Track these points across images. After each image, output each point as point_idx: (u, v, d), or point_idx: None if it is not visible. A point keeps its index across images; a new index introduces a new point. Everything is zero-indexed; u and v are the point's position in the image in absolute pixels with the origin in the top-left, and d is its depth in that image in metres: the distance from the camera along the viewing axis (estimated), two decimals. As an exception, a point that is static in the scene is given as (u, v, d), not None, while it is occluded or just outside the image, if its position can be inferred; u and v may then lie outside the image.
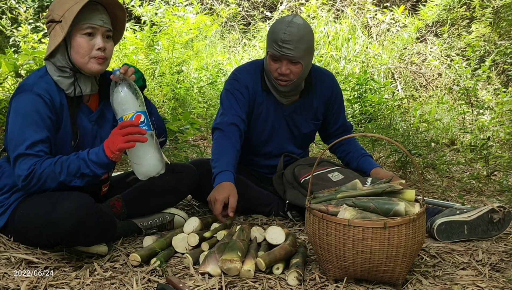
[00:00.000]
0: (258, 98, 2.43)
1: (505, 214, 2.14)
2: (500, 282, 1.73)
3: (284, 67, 2.26)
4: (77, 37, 1.83)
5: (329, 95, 2.53)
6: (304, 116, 2.51)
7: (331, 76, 2.57)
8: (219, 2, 8.00)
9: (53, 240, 1.73)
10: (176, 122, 4.44)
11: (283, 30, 2.22)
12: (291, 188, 2.35)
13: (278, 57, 2.25)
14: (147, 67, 6.12)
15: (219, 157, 2.26)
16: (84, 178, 1.79)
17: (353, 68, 6.31)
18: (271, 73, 2.32)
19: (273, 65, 2.29)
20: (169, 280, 1.62)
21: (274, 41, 2.24)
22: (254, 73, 2.45)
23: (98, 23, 1.83)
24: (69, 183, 1.78)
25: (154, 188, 2.16)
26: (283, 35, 2.21)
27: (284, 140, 2.53)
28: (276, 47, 2.23)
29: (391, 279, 1.64)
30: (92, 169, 1.78)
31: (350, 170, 2.39)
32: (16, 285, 1.62)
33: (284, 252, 1.79)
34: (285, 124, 2.50)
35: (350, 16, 7.24)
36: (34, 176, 1.74)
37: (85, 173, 1.78)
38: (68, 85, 1.88)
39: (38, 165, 1.74)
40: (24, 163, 1.74)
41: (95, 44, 1.84)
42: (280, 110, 2.47)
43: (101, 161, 1.78)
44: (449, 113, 5.29)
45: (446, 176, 3.45)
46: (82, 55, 1.84)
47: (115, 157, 1.78)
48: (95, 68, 1.86)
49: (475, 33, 6.28)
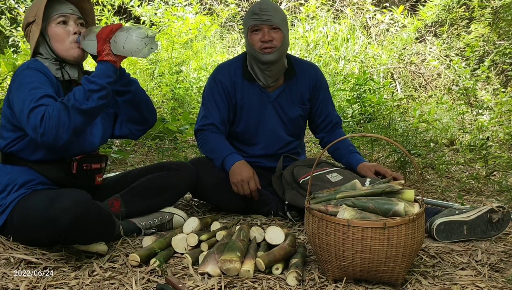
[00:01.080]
0: (240, 89, 2.50)
1: (504, 214, 2.14)
2: (499, 282, 1.73)
3: (266, 35, 2.36)
4: (53, 28, 1.96)
5: (313, 83, 2.58)
6: (289, 100, 2.54)
7: (315, 67, 2.64)
8: (219, 2, 8.00)
9: (52, 238, 1.73)
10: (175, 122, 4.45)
11: (257, 4, 2.39)
12: (290, 189, 2.36)
13: (259, 25, 2.36)
14: (146, 67, 6.12)
15: (215, 146, 2.44)
16: (93, 96, 1.78)
17: (352, 68, 6.31)
18: (254, 46, 2.38)
19: (255, 36, 2.38)
20: (169, 280, 1.62)
21: (252, 13, 2.38)
22: (234, 64, 2.54)
23: (68, 11, 1.98)
24: (81, 106, 1.76)
25: (152, 187, 2.18)
26: (260, 5, 2.38)
27: (273, 127, 2.55)
28: (255, 17, 2.36)
29: (390, 279, 1.64)
30: (96, 81, 1.79)
31: (349, 171, 2.40)
32: (15, 285, 1.62)
33: (283, 252, 1.79)
34: (272, 110, 2.53)
35: (349, 16, 7.24)
36: (47, 118, 1.73)
37: (92, 89, 1.78)
38: (56, 70, 1.99)
39: (49, 108, 1.75)
40: (36, 113, 1.74)
41: (70, 30, 1.97)
42: (265, 97, 2.51)
43: (100, 70, 1.83)
44: (448, 113, 5.29)
45: (445, 176, 3.45)
46: (61, 41, 1.96)
47: (109, 59, 1.84)
48: (76, 53, 1.97)
49: (474, 33, 6.29)
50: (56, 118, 1.73)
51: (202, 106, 2.55)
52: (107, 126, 2.16)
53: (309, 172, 2.29)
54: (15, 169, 1.95)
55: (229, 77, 2.50)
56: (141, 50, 1.85)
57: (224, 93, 2.49)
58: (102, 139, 2.14)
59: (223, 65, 2.59)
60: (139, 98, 2.13)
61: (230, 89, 2.49)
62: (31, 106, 1.75)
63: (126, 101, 2.12)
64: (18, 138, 1.93)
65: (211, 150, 2.46)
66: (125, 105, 2.14)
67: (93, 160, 2.07)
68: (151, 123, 2.24)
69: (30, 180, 1.95)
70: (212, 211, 2.51)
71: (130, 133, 2.23)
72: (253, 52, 2.40)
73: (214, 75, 2.54)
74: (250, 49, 2.41)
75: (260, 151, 2.57)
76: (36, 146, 1.93)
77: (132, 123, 2.20)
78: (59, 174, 1.99)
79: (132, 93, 2.10)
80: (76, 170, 2.00)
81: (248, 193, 2.34)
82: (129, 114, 2.17)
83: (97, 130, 2.09)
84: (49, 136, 1.74)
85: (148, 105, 2.18)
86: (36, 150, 1.94)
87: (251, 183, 2.33)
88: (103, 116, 2.14)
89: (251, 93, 2.50)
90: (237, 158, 2.39)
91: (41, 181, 1.97)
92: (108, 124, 2.17)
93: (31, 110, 1.75)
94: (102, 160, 2.13)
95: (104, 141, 2.18)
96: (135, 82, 2.12)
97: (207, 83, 2.56)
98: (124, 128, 2.21)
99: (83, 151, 2.04)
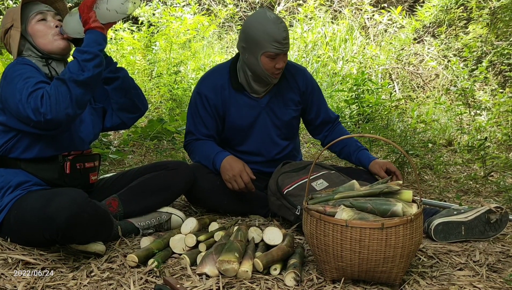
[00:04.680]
0: (228, 100, 2.44)
1: (502, 215, 2.14)
2: (497, 283, 1.73)
3: (282, 62, 2.31)
4: (33, 26, 1.99)
5: (304, 88, 2.54)
6: (281, 103, 2.50)
7: (302, 69, 2.59)
8: (217, 3, 8.00)
9: (49, 237, 1.73)
10: (173, 123, 4.44)
11: (280, 29, 2.26)
12: (275, 199, 2.28)
13: (279, 54, 2.28)
14: (145, 68, 6.11)
15: (204, 152, 2.42)
16: (88, 65, 1.79)
17: (350, 68, 6.31)
18: (266, 70, 2.32)
19: (271, 62, 2.31)
20: (167, 281, 1.62)
21: (275, 40, 2.25)
22: (219, 75, 2.46)
23: (44, 8, 2.03)
24: (78, 77, 1.76)
25: (149, 186, 2.18)
26: (283, 33, 2.26)
27: (267, 133, 2.50)
28: (278, 46, 2.26)
29: (388, 280, 1.64)
30: (88, 50, 1.80)
31: (337, 174, 2.33)
32: (13, 286, 1.61)
33: (281, 253, 1.79)
34: (265, 116, 2.48)
35: (348, 17, 7.25)
36: (47, 97, 1.74)
37: (86, 59, 1.79)
38: (43, 66, 2.00)
39: (47, 88, 1.77)
40: (36, 96, 1.75)
41: (50, 24, 2.01)
42: (256, 105, 2.46)
43: (90, 39, 1.83)
44: (446, 113, 5.30)
45: (443, 177, 3.45)
46: (44, 36, 1.98)
47: (96, 25, 1.85)
48: (61, 44, 2.00)
49: (472, 34, 6.29)
50: (55, 95, 1.74)
51: (188, 120, 2.49)
52: (96, 122, 2.17)
53: (294, 181, 2.25)
54: (7, 171, 1.95)
55: (214, 89, 2.43)
56: (125, 5, 1.86)
57: (210, 106, 2.42)
58: (92, 135, 2.14)
59: (207, 76, 2.51)
60: (128, 84, 2.14)
61: (215, 101, 2.42)
62: (29, 90, 1.77)
63: (116, 88, 2.12)
64: (9, 140, 1.94)
65: (200, 157, 2.43)
66: (115, 93, 2.14)
67: (86, 159, 2.07)
68: (143, 110, 2.23)
69: (24, 181, 1.95)
70: (210, 212, 2.51)
71: (122, 122, 2.22)
72: (261, 74, 2.34)
73: (198, 88, 2.47)
74: (259, 70, 2.33)
75: (257, 158, 2.53)
76: (29, 143, 1.93)
77: (123, 111, 2.19)
78: (53, 175, 1.99)
79: (121, 79, 2.11)
80: (69, 170, 2.00)
81: (243, 186, 2.30)
82: (120, 102, 2.16)
83: (85, 126, 2.10)
84: (52, 114, 1.73)
85: (137, 91, 2.18)
86: (29, 147, 1.94)
87: (244, 176, 2.29)
88: (91, 112, 2.14)
89: (241, 103, 2.45)
90: (225, 155, 2.36)
91: (35, 183, 1.97)
92: (97, 119, 2.17)
93: (30, 94, 1.76)
94: (95, 159, 2.13)
95: (95, 137, 2.18)
96: (123, 69, 2.14)
97: (192, 96, 2.49)
98: (115, 118, 2.20)
99: (74, 148, 2.03)
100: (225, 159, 2.34)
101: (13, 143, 1.94)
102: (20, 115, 1.81)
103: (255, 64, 2.33)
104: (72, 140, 2.03)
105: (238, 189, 2.31)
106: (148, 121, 4.37)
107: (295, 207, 2.16)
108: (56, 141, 1.97)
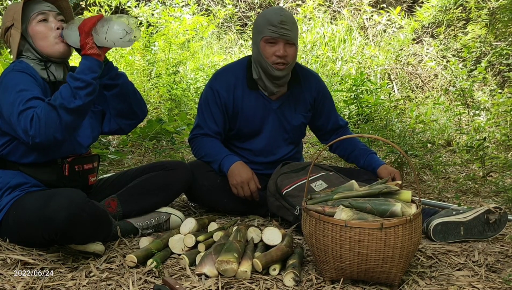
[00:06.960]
0: (241, 98, 2.41)
1: (501, 215, 2.14)
2: (496, 283, 1.73)
3: (282, 49, 2.27)
4: (34, 27, 1.94)
5: (316, 94, 2.53)
6: (292, 108, 2.49)
7: (316, 76, 2.59)
8: (216, 3, 8.00)
9: (48, 236, 1.73)
10: (172, 123, 4.44)
11: (277, 13, 2.26)
12: (274, 200, 2.28)
13: (276, 38, 2.26)
14: (144, 68, 6.11)
15: (211, 150, 2.39)
16: (80, 93, 1.75)
17: (349, 69, 6.32)
18: (266, 58, 2.30)
19: (270, 49, 2.29)
20: (166, 281, 1.62)
21: (270, 24, 2.25)
22: (235, 72, 2.44)
23: (46, 8, 1.97)
24: (69, 105, 1.73)
25: (148, 186, 2.18)
26: (280, 17, 2.24)
27: (274, 135, 2.49)
28: (273, 29, 2.25)
29: (387, 280, 1.64)
30: (81, 78, 1.76)
31: (336, 176, 2.32)
32: (12, 286, 1.61)
33: (280, 253, 1.79)
34: (275, 118, 2.46)
35: (347, 17, 7.25)
36: (36, 120, 1.72)
37: (78, 87, 1.75)
38: (41, 70, 1.97)
39: (37, 110, 1.74)
40: (26, 116, 1.73)
41: (51, 26, 1.95)
42: (268, 106, 2.44)
43: (84, 65, 1.80)
44: (445, 114, 5.30)
45: (442, 177, 3.45)
46: (45, 39, 1.93)
47: (92, 52, 1.80)
48: (61, 48, 1.95)
49: (471, 34, 6.30)
50: (45, 119, 1.72)
51: (198, 114, 2.48)
52: (95, 125, 2.15)
53: (293, 182, 2.25)
54: (6, 173, 1.95)
55: (228, 86, 2.41)
56: (124, 39, 1.84)
57: (221, 103, 2.40)
58: (91, 139, 2.13)
59: (221, 72, 2.49)
60: (127, 90, 2.09)
61: (227, 98, 2.40)
62: (20, 108, 1.74)
63: (114, 95, 2.09)
64: (6, 143, 1.93)
65: (206, 154, 2.41)
66: (113, 99, 2.10)
67: (84, 161, 2.06)
68: (141, 117, 2.21)
69: (23, 182, 1.94)
70: (209, 212, 2.51)
71: (119, 128, 2.20)
72: (264, 64, 2.32)
73: (211, 83, 2.45)
74: (261, 60, 2.32)
75: (259, 159, 2.52)
76: (26, 150, 1.92)
77: (121, 117, 2.16)
78: (52, 177, 1.98)
79: (120, 86, 2.07)
80: (68, 172, 1.99)
81: (249, 194, 2.31)
82: (118, 108, 2.13)
83: (83, 130, 2.07)
84: (41, 137, 1.72)
85: (136, 96, 2.14)
86: (26, 153, 1.93)
87: (251, 184, 2.30)
88: (90, 115, 2.12)
89: (254, 102, 2.43)
90: (235, 159, 2.35)
91: (34, 184, 1.96)
92: (95, 122, 2.15)
93: (20, 112, 1.74)
94: (94, 160, 2.12)
95: (94, 140, 2.16)
96: (123, 75, 2.10)
97: (204, 90, 2.48)
98: (112, 123, 2.18)
99: (73, 152, 2.03)
100: (234, 164, 2.33)
101: (10, 149, 1.93)
102: (12, 126, 1.81)
103: (257, 54, 2.33)
104: (70, 145, 2.01)
105: (244, 196, 2.32)
106: (147, 121, 4.37)
107: (294, 207, 2.16)
108: (53, 148, 1.95)
